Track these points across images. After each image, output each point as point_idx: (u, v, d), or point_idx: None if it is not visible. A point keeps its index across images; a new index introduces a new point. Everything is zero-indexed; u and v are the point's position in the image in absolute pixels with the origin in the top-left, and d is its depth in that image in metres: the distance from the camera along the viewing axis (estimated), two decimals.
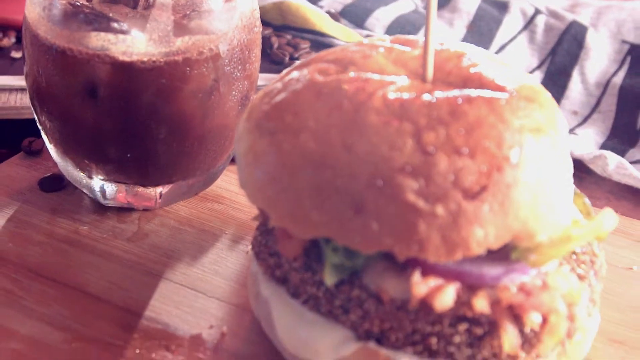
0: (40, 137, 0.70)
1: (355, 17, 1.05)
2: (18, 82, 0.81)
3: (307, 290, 0.49)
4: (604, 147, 0.86)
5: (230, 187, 0.72)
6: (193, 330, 0.56)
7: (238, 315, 0.58)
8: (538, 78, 0.97)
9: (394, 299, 0.47)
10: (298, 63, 0.53)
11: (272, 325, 0.51)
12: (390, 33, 1.01)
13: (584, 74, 0.96)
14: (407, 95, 0.46)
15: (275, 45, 0.93)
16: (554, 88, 0.95)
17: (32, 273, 0.61)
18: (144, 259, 0.63)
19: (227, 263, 0.63)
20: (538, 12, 1.06)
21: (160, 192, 0.67)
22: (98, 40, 0.58)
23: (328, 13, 1.03)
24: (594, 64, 0.97)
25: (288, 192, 0.46)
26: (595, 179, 0.80)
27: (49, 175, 0.71)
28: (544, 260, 0.47)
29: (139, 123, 0.60)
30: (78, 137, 0.63)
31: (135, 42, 0.58)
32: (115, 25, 0.58)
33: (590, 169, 0.80)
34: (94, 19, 0.58)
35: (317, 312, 0.49)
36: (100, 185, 0.66)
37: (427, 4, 0.48)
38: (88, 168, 0.65)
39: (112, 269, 0.62)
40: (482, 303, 0.46)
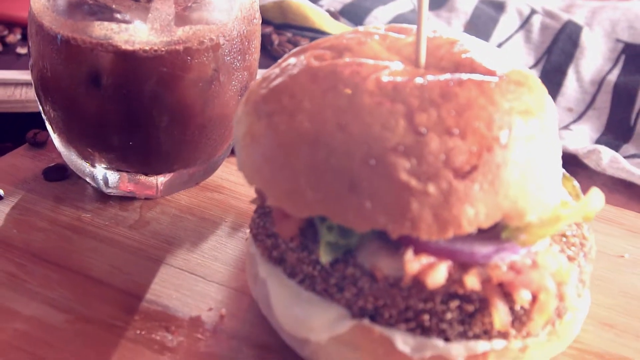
0: (45, 129, 0.71)
1: (355, 15, 1.06)
2: (23, 76, 0.83)
3: (303, 270, 0.50)
4: (599, 142, 0.87)
5: (231, 177, 0.73)
6: (192, 313, 0.58)
7: (237, 298, 0.59)
8: None
9: (388, 277, 0.48)
10: (295, 50, 0.54)
11: (269, 306, 0.52)
12: None
13: (579, 72, 0.98)
14: (400, 79, 0.48)
15: (276, 43, 0.95)
16: (550, 86, 0.96)
17: (36, 258, 0.62)
18: (145, 245, 0.64)
19: (226, 249, 0.64)
20: (534, 12, 1.07)
21: (162, 180, 0.68)
22: (101, 30, 0.60)
23: (328, 12, 1.05)
24: (589, 63, 0.99)
25: (284, 171, 0.47)
26: (590, 173, 0.81)
27: (53, 165, 0.72)
28: (534, 240, 0.48)
29: (141, 111, 0.62)
30: (81, 125, 0.64)
31: (138, 31, 0.60)
32: (118, 16, 0.60)
33: (585, 164, 0.81)
34: (98, 10, 0.60)
35: (312, 291, 0.50)
36: (103, 174, 0.67)
37: None
38: (91, 157, 0.66)
39: (114, 254, 0.63)
40: (473, 280, 0.47)
